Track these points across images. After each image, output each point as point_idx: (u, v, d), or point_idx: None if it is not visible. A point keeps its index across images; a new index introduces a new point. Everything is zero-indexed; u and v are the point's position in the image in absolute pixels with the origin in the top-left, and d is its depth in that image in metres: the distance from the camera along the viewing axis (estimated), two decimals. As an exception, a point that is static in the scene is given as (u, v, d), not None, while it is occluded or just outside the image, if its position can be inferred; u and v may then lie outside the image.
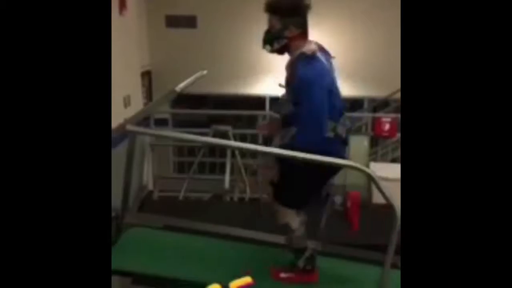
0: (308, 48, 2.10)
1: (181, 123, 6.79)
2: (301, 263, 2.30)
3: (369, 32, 6.53)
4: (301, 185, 2.17)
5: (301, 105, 2.05)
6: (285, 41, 2.12)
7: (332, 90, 2.12)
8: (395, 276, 2.40)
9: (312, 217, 2.36)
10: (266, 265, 2.37)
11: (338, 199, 2.35)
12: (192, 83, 2.44)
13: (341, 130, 2.13)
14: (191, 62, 6.09)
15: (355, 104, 7.08)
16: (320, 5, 6.16)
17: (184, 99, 7.09)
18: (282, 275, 2.33)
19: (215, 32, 6.65)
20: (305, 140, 2.05)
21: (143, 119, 4.96)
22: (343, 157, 2.16)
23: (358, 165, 2.02)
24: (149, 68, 6.69)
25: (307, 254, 2.30)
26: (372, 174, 1.99)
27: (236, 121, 6.00)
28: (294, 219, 2.23)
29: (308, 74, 2.04)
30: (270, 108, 6.50)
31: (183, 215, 3.21)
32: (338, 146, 2.15)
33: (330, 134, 2.10)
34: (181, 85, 2.31)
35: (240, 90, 6.87)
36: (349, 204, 3.05)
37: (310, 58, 2.08)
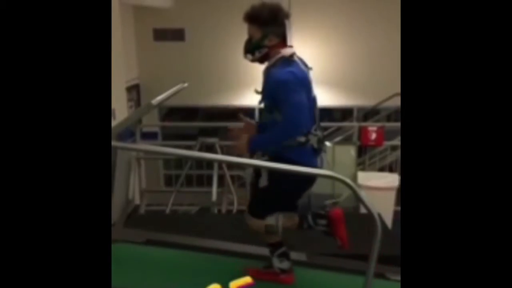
0: (287, 51, 2.11)
1: (171, 136, 6.78)
2: (275, 261, 2.29)
3: (357, 42, 6.57)
4: (275, 197, 2.16)
5: (281, 107, 2.03)
6: (265, 50, 2.12)
7: (309, 97, 2.10)
8: (380, 285, 2.38)
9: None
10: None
11: (321, 222, 2.31)
12: (171, 96, 2.42)
13: (312, 139, 2.12)
14: (180, 75, 6.06)
15: (345, 113, 7.09)
16: (307, 15, 6.21)
17: (176, 112, 7.09)
18: (258, 273, 2.30)
19: (203, 45, 6.69)
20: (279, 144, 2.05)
21: (130, 133, 4.96)
22: (315, 166, 2.13)
23: (335, 174, 1.98)
24: (138, 82, 6.69)
25: (280, 250, 2.28)
26: (350, 183, 1.96)
27: (226, 133, 5.96)
28: (262, 223, 2.20)
29: (287, 75, 2.03)
30: (259, 119, 6.46)
31: (169, 229, 3.17)
32: (310, 155, 2.13)
33: (302, 142, 2.08)
34: (159, 98, 2.29)
35: (229, 102, 6.87)
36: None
37: (289, 60, 2.09)
